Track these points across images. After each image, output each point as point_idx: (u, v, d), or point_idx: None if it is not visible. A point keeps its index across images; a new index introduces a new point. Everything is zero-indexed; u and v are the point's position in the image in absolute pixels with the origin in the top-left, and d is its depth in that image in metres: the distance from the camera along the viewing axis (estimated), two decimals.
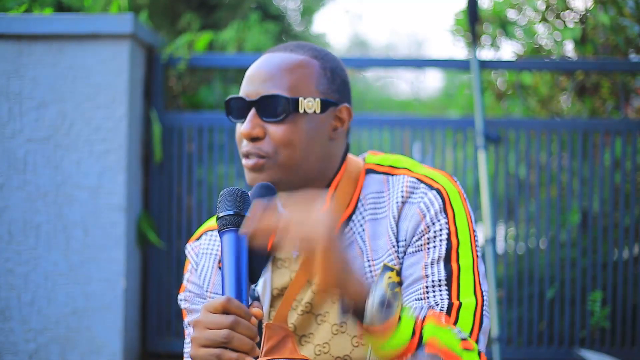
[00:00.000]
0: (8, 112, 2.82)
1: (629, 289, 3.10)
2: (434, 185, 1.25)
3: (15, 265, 2.79)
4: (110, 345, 2.80)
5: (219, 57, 3.39)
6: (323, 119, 1.27)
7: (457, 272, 1.21)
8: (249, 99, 1.26)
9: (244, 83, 1.29)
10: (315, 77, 1.27)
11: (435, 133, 3.25)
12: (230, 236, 1.09)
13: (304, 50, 1.30)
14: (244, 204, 1.12)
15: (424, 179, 1.27)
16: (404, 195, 1.26)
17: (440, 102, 7.86)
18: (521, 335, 3.18)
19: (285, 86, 1.25)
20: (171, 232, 3.18)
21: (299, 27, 7.38)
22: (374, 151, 1.41)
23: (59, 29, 2.82)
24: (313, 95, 1.26)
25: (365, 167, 1.34)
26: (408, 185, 1.26)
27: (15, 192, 2.81)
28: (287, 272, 1.31)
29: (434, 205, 1.23)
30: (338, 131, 1.31)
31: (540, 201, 3.20)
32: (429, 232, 1.23)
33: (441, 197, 1.24)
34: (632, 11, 3.30)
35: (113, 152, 2.84)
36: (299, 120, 1.25)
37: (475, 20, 3.14)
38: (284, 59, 1.27)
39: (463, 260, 1.22)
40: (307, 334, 1.28)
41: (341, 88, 1.31)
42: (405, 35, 26.72)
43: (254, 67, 1.29)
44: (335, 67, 1.31)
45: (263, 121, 1.25)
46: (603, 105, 3.58)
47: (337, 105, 1.30)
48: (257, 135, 1.24)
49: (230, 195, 1.13)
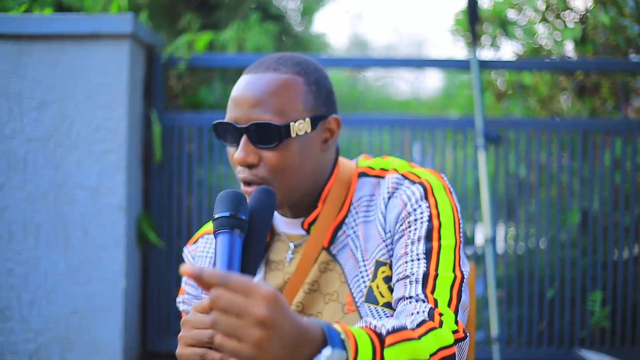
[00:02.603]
0: (8, 112, 2.82)
1: (629, 289, 3.10)
2: (417, 180, 1.28)
3: (15, 265, 2.79)
4: (110, 345, 2.80)
5: (219, 57, 3.39)
6: (314, 135, 1.28)
7: (438, 249, 1.21)
8: (239, 125, 1.24)
9: (232, 106, 1.27)
10: (302, 95, 1.26)
11: (435, 133, 3.25)
12: (224, 237, 1.09)
13: (286, 66, 1.28)
14: (240, 206, 1.12)
15: (408, 175, 1.30)
16: (390, 191, 1.29)
17: (440, 102, 7.86)
18: (521, 335, 3.18)
19: (274, 111, 1.23)
20: (171, 232, 3.18)
21: (299, 27, 7.37)
22: (366, 155, 1.42)
23: (59, 29, 2.82)
24: (302, 115, 1.25)
25: (357, 170, 1.36)
26: (393, 181, 1.29)
27: (15, 192, 2.81)
28: (281, 274, 1.32)
29: (415, 194, 1.26)
30: (329, 143, 1.32)
31: (540, 201, 3.20)
32: (409, 216, 1.24)
33: (423, 188, 1.26)
34: (632, 11, 3.30)
35: (113, 152, 2.84)
36: (291, 144, 1.24)
37: (475, 20, 3.14)
38: (269, 81, 1.25)
39: (445, 240, 1.22)
40: None
41: (327, 100, 1.31)
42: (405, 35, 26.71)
43: (239, 90, 1.27)
44: (319, 79, 1.31)
45: (256, 147, 1.24)
46: (603, 105, 3.58)
47: (325, 118, 1.30)
48: (252, 162, 1.24)
49: (227, 197, 1.13)
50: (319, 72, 1.32)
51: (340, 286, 1.28)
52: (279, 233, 1.36)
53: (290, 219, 1.35)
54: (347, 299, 1.26)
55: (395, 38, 24.22)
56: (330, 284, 1.29)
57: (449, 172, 3.40)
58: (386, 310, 1.23)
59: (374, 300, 1.24)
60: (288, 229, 1.35)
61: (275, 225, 1.37)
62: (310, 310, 1.29)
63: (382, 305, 1.23)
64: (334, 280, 1.29)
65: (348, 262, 1.28)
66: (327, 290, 1.29)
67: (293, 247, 1.33)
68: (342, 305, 1.26)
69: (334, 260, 1.30)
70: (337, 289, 1.28)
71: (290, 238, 1.35)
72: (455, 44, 3.89)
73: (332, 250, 1.30)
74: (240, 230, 1.10)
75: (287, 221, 1.35)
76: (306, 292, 1.29)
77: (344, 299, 1.26)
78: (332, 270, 1.29)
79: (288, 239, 1.35)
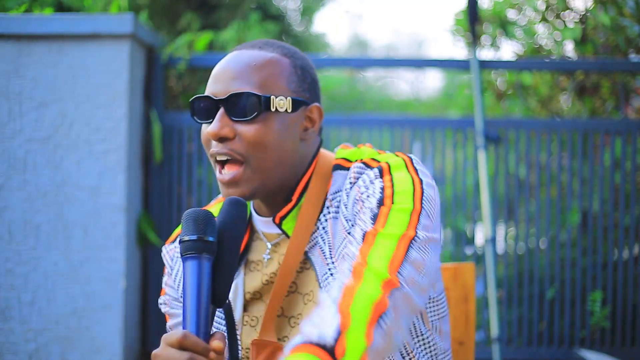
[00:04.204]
0: (8, 112, 2.82)
1: (629, 289, 3.10)
2: (374, 165, 1.21)
3: (15, 265, 2.79)
4: (110, 345, 2.80)
5: (219, 57, 3.37)
6: (294, 118, 1.23)
7: (387, 212, 1.12)
8: (217, 97, 1.19)
9: (211, 81, 1.22)
10: (286, 75, 1.23)
11: (435, 133, 3.25)
12: (191, 264, 1.06)
13: (273, 47, 1.26)
14: (207, 228, 1.08)
15: (368, 162, 1.23)
16: (352, 182, 1.22)
17: (440, 102, 7.86)
18: (521, 335, 3.18)
19: (256, 84, 1.19)
20: (171, 232, 3.18)
21: (299, 27, 7.38)
22: (345, 144, 1.36)
23: (59, 29, 2.82)
24: (284, 93, 1.21)
25: (334, 162, 1.29)
26: (355, 171, 1.22)
27: (15, 192, 2.81)
28: (259, 275, 1.29)
29: (370, 176, 1.19)
30: (309, 132, 1.27)
31: (540, 201, 3.20)
32: (362, 195, 1.18)
33: (379, 170, 1.19)
34: (632, 11, 3.30)
35: (113, 152, 2.84)
36: (270, 120, 1.19)
37: (475, 20, 3.14)
38: (254, 56, 1.22)
39: (398, 205, 1.13)
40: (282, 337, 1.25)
41: (311, 87, 1.28)
42: (405, 35, 26.72)
43: (220, 65, 1.23)
44: (306, 66, 1.28)
45: (232, 121, 1.19)
46: (603, 105, 3.58)
47: (307, 105, 1.26)
48: (226, 135, 1.18)
49: (194, 218, 1.08)
50: (306, 61, 1.30)
51: (315, 285, 1.24)
52: (257, 231, 1.32)
53: (266, 218, 1.30)
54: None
55: (395, 38, 24.23)
56: (307, 284, 1.25)
57: (449, 172, 3.41)
58: None
59: None
60: (265, 227, 1.31)
61: (253, 224, 1.33)
62: (290, 312, 1.25)
63: None
64: (310, 279, 1.24)
65: (318, 260, 1.24)
66: (305, 291, 1.25)
67: (270, 246, 1.29)
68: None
69: (308, 259, 1.25)
70: (312, 289, 1.24)
71: (267, 237, 1.30)
72: (455, 44, 3.89)
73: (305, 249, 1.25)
74: (208, 254, 1.07)
75: (264, 220, 1.30)
76: (286, 295, 1.25)
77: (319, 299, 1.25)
78: (308, 269, 1.25)
79: (265, 239, 1.30)
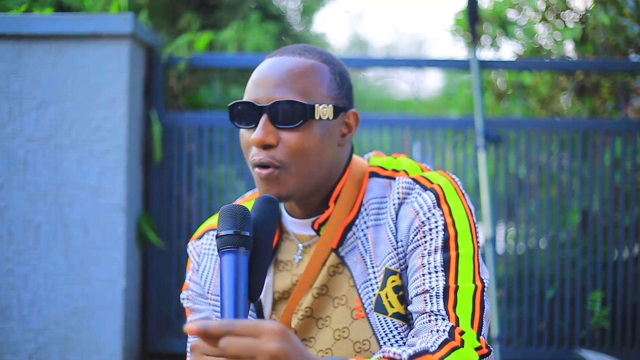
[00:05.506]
0: (8, 112, 2.82)
1: (629, 289, 3.10)
2: (428, 186, 1.22)
3: (15, 265, 2.79)
4: (110, 345, 2.80)
5: (219, 57, 3.39)
6: (333, 125, 1.24)
7: (456, 259, 1.16)
8: (260, 104, 1.19)
9: (252, 87, 1.22)
10: (327, 82, 1.23)
11: (435, 133, 3.25)
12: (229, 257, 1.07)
13: (312, 54, 1.26)
14: (244, 223, 1.09)
15: (419, 179, 1.24)
16: (400, 197, 1.23)
17: (440, 102, 7.87)
18: (521, 335, 3.18)
19: (299, 91, 1.19)
20: (171, 232, 3.18)
21: (299, 27, 7.38)
22: (378, 152, 1.37)
23: (59, 29, 2.82)
24: (326, 101, 1.22)
25: (369, 170, 1.31)
26: (404, 186, 1.23)
27: (15, 192, 2.81)
28: (289, 275, 1.29)
29: (427, 202, 1.20)
30: (346, 137, 1.28)
31: (540, 201, 3.20)
32: (424, 226, 1.19)
33: (435, 195, 1.20)
34: (632, 11, 3.31)
35: (113, 152, 2.84)
36: (312, 127, 1.20)
37: (475, 20, 3.14)
38: (295, 63, 1.22)
39: (462, 249, 1.17)
40: (308, 338, 1.26)
41: (348, 93, 1.29)
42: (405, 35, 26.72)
43: (262, 71, 1.23)
44: (343, 72, 1.29)
45: (276, 128, 1.19)
46: (603, 105, 3.58)
47: (346, 111, 1.27)
48: (271, 142, 1.18)
49: (230, 213, 1.09)
50: (343, 67, 1.31)
51: (349, 290, 1.24)
52: (287, 232, 1.32)
53: (299, 220, 1.30)
54: (356, 304, 1.23)
55: (395, 38, 24.24)
56: (339, 288, 1.25)
57: (449, 172, 3.40)
58: (395, 321, 1.20)
59: (383, 310, 1.20)
60: (297, 229, 1.31)
61: (283, 224, 1.33)
62: (319, 314, 1.26)
63: (391, 315, 1.20)
64: (343, 283, 1.25)
65: (357, 265, 1.24)
66: (336, 294, 1.25)
67: (302, 247, 1.30)
68: (352, 310, 1.23)
69: (343, 263, 1.26)
70: (345, 293, 1.24)
71: (299, 239, 1.30)
72: (455, 44, 3.90)
73: (340, 252, 1.26)
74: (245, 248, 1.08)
75: (296, 222, 1.31)
76: (315, 297, 1.26)
77: (353, 304, 1.23)
78: (340, 274, 1.26)
79: (297, 240, 1.31)
